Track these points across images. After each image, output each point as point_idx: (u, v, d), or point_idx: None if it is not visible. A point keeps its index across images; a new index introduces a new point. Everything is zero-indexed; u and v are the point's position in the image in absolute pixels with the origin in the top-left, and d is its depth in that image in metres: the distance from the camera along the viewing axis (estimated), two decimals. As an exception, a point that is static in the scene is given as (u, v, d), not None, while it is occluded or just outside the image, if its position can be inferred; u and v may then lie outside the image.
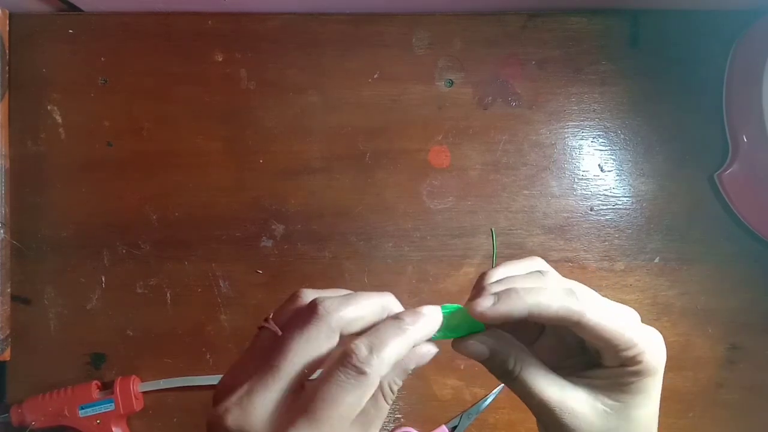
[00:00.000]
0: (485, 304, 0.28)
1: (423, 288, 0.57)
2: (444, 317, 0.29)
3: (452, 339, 0.30)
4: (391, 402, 0.28)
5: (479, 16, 0.58)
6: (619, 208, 0.58)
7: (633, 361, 0.29)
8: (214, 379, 0.57)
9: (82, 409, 0.54)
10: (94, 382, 0.56)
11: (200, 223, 0.57)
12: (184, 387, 0.57)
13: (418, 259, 0.57)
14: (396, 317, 0.28)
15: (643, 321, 0.32)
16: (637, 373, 0.30)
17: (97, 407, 0.55)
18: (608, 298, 0.38)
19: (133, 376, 0.56)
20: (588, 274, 0.57)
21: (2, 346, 0.56)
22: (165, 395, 0.57)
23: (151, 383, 0.56)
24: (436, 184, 0.57)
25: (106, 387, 0.57)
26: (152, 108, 0.58)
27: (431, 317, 0.29)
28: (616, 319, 0.29)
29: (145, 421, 0.57)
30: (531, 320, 0.29)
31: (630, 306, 0.32)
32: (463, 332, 0.30)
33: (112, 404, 0.55)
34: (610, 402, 0.30)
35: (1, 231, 0.56)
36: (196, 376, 0.57)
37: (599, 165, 0.58)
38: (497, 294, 0.29)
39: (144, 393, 0.56)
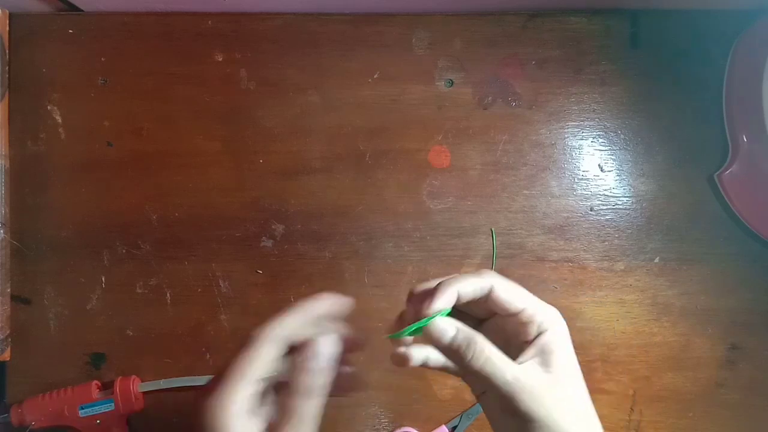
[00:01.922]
0: (430, 306, 0.34)
1: (423, 288, 0.57)
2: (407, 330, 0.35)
3: (423, 328, 0.35)
4: (306, 399, 0.32)
5: (479, 16, 0.58)
6: (619, 208, 0.58)
7: (531, 325, 0.35)
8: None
9: (82, 409, 0.54)
10: (94, 382, 0.56)
11: (200, 223, 0.57)
12: (184, 387, 0.57)
13: (418, 259, 0.57)
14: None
15: (643, 321, 0.33)
16: (544, 338, 0.34)
17: (97, 407, 0.55)
18: (608, 298, 0.38)
19: (133, 377, 0.56)
20: (588, 274, 0.57)
21: (2, 346, 0.56)
22: (165, 395, 0.57)
23: (151, 383, 0.56)
24: (436, 184, 0.57)
25: (107, 387, 0.56)
26: (152, 108, 0.58)
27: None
28: (517, 290, 0.35)
29: (145, 421, 0.57)
30: (462, 301, 0.35)
31: (630, 306, 0.33)
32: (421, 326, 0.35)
33: (112, 404, 0.55)
34: (543, 372, 0.34)
35: (1, 231, 0.56)
36: (196, 376, 0.57)
37: (599, 165, 0.58)
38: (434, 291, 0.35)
39: (144, 393, 0.56)
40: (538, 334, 0.35)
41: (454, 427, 0.56)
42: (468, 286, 0.35)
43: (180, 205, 0.58)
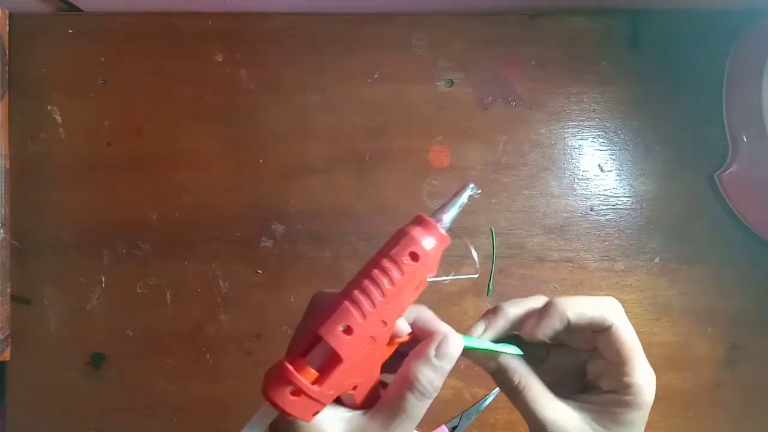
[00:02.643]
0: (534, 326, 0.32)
1: (423, 288, 0.57)
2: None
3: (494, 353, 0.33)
4: (419, 395, 0.29)
5: (479, 16, 0.58)
6: (619, 208, 0.58)
7: (628, 390, 0.31)
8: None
9: None
10: None
11: (200, 223, 0.57)
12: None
13: (418, 259, 0.57)
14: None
15: (643, 321, 0.33)
16: (627, 404, 0.31)
17: None
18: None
19: None
20: (588, 274, 0.57)
21: (2, 346, 0.56)
22: (165, 394, 0.57)
23: None
24: (436, 184, 0.57)
25: None
26: (152, 108, 0.58)
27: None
28: (637, 343, 0.32)
29: (146, 421, 0.57)
30: (571, 329, 0.32)
31: (630, 306, 0.34)
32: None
33: None
34: (598, 428, 0.32)
35: (1, 231, 0.56)
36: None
37: (599, 165, 0.58)
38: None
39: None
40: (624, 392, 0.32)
41: (454, 427, 0.56)
42: (585, 314, 0.32)
43: (180, 205, 0.58)
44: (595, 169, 0.58)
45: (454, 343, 0.30)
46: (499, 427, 0.57)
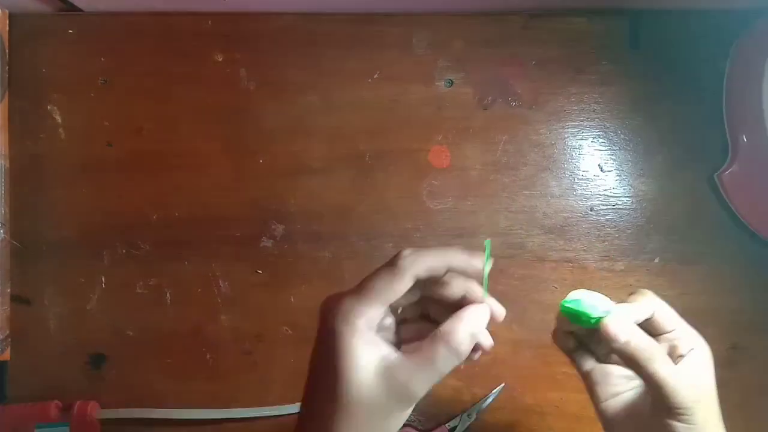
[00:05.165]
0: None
1: (423, 288, 0.57)
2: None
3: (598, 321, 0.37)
4: (447, 352, 0.31)
5: (479, 16, 0.58)
6: (619, 208, 0.58)
7: (680, 342, 0.40)
8: (174, 413, 0.56)
9: (38, 428, 0.53)
10: (55, 402, 0.55)
11: (200, 223, 0.57)
12: (143, 419, 0.56)
13: (418, 259, 0.57)
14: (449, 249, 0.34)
15: None
16: (690, 352, 0.39)
17: (51, 429, 0.53)
18: (608, 298, 0.38)
19: (92, 402, 0.55)
20: (588, 274, 0.57)
21: (2, 346, 0.56)
22: (165, 394, 0.57)
23: (111, 411, 0.55)
24: (436, 184, 0.57)
25: (67, 408, 0.55)
26: (152, 108, 0.58)
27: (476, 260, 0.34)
28: (672, 311, 0.41)
29: (146, 421, 0.57)
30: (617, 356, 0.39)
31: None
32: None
33: (67, 428, 0.53)
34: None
35: (1, 231, 0.56)
36: (158, 408, 0.56)
37: (599, 165, 0.58)
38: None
39: (101, 421, 0.55)
40: (687, 353, 0.39)
41: (454, 427, 0.56)
42: (647, 308, 0.39)
43: (180, 205, 0.58)
44: (595, 169, 0.58)
45: (483, 312, 0.33)
46: (499, 427, 0.57)
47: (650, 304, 0.39)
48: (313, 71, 0.58)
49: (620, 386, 0.41)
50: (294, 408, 0.56)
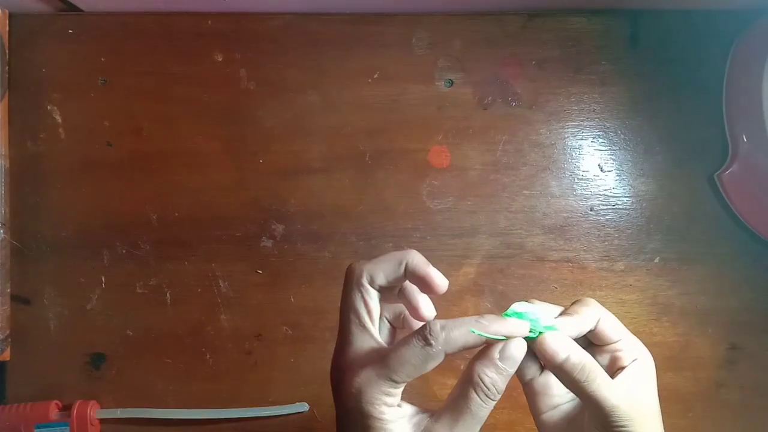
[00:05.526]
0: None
1: (423, 288, 0.57)
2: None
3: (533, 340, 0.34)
4: (483, 396, 0.31)
5: (479, 16, 0.58)
6: (619, 208, 0.58)
7: (623, 353, 0.37)
8: (173, 413, 0.56)
9: (38, 428, 0.53)
10: (54, 402, 0.55)
11: (200, 223, 0.57)
12: (142, 419, 0.56)
13: (418, 259, 0.57)
14: (479, 316, 0.33)
15: (642, 321, 0.33)
16: (632, 363, 0.37)
17: (52, 428, 0.53)
18: (608, 298, 0.38)
19: (92, 402, 0.55)
20: (588, 274, 0.57)
21: (2, 346, 0.56)
22: (165, 394, 0.57)
23: (109, 411, 0.55)
24: (436, 184, 0.57)
25: (67, 408, 0.55)
26: (152, 108, 0.58)
27: (513, 326, 0.33)
28: (617, 322, 0.38)
29: (146, 421, 0.57)
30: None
31: (630, 306, 0.35)
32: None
33: (67, 428, 0.53)
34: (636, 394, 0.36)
35: (1, 231, 0.56)
36: (156, 408, 0.56)
37: (599, 165, 0.58)
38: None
39: (101, 420, 0.55)
40: (629, 363, 0.36)
41: (454, 427, 0.56)
42: (591, 319, 0.36)
43: (180, 205, 0.58)
44: (595, 169, 0.58)
45: (517, 346, 0.32)
46: (499, 427, 0.57)
47: (594, 314, 0.37)
48: (313, 71, 0.58)
49: (560, 397, 0.39)
50: (294, 408, 0.56)
